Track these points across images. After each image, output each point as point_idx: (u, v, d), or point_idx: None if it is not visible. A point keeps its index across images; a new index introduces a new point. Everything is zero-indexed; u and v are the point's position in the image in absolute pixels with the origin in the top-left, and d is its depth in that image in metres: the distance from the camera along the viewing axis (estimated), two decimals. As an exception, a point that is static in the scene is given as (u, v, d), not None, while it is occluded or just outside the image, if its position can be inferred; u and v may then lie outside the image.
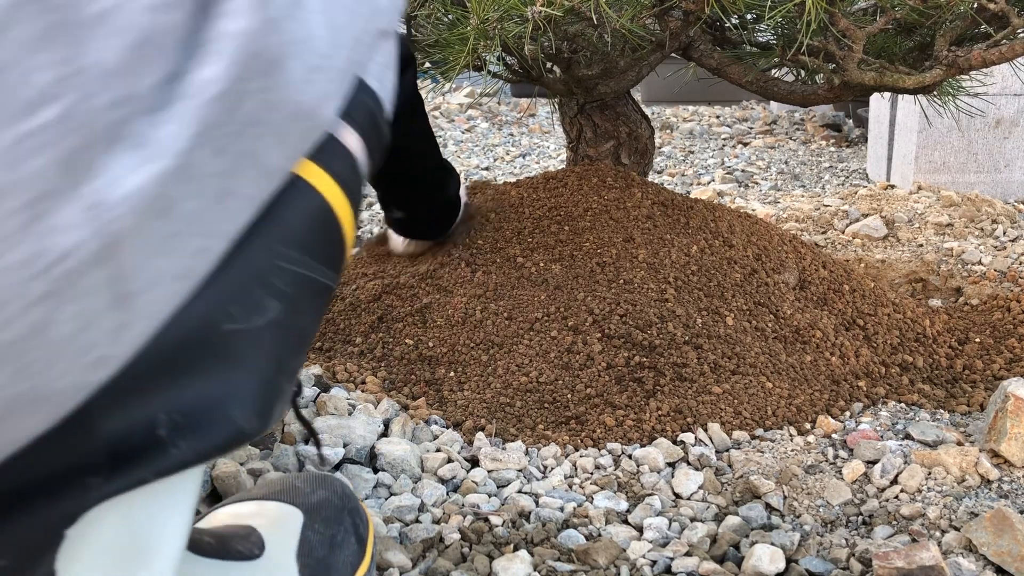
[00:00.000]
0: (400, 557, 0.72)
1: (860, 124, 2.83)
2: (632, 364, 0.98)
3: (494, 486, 0.85)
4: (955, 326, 1.16)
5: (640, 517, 0.79)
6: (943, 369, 1.07)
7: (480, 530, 0.77)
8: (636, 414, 0.94)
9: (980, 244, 1.63)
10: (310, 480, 0.69)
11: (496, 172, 2.45)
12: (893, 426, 0.94)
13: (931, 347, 1.09)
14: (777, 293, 1.09)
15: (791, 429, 0.93)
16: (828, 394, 0.99)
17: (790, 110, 3.32)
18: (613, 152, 1.30)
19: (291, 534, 0.62)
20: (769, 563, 0.70)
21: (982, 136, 2.05)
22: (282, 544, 0.61)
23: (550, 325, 1.04)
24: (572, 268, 1.09)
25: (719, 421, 0.94)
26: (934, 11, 0.97)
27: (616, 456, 0.89)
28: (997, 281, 1.42)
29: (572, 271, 1.09)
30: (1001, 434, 0.84)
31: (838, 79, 1.03)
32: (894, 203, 1.91)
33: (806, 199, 2.06)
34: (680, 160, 2.63)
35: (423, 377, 1.03)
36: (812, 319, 1.07)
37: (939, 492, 0.81)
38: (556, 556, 0.73)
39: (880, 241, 1.69)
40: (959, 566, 0.70)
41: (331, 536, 0.64)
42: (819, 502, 0.81)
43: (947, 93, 1.20)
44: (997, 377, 1.05)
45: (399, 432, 0.92)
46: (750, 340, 1.02)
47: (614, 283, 1.07)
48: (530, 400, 0.97)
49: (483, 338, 1.04)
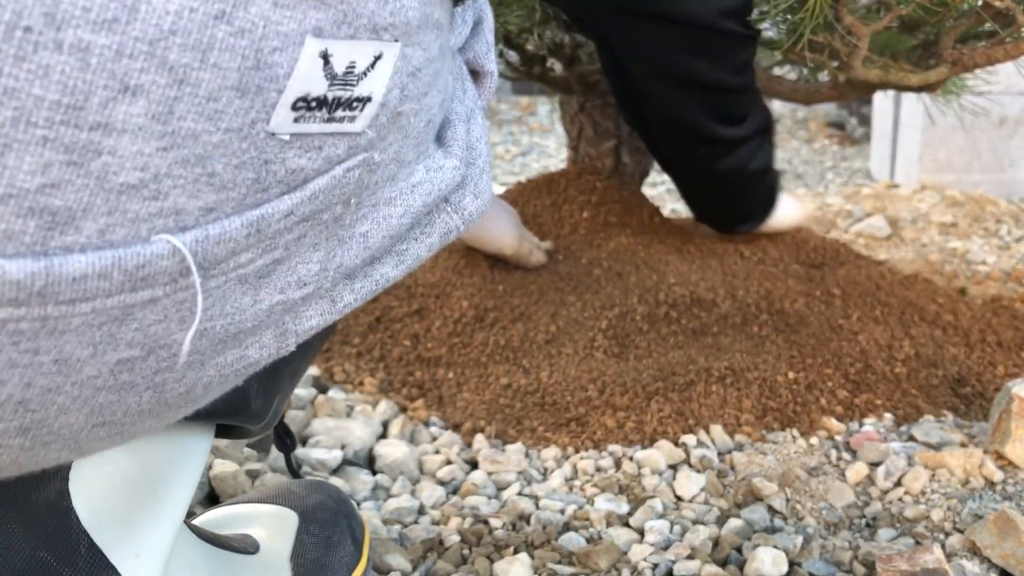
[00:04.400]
0: (400, 559, 0.71)
1: (864, 123, 2.82)
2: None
3: (494, 488, 0.84)
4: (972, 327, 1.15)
5: (641, 520, 0.78)
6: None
7: (480, 532, 0.76)
8: (637, 416, 0.93)
9: (984, 244, 1.62)
10: (306, 485, 0.69)
11: (496, 171, 2.44)
12: (896, 428, 0.93)
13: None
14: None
15: (793, 431, 0.93)
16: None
17: (793, 108, 3.31)
18: (614, 151, 1.29)
19: (286, 536, 0.62)
20: (772, 566, 0.70)
21: (986, 135, 2.04)
22: (276, 545, 0.61)
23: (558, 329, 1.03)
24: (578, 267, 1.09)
25: (721, 423, 0.93)
26: (939, 8, 0.97)
27: (617, 458, 0.89)
28: (1001, 281, 1.41)
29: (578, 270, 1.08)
30: (1006, 436, 0.83)
31: (842, 76, 1.02)
32: (898, 202, 1.91)
33: (809, 198, 2.05)
34: (682, 159, 2.62)
35: (422, 378, 1.02)
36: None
37: (943, 494, 0.80)
38: (556, 559, 0.72)
39: (884, 241, 1.68)
40: (963, 569, 0.69)
41: (326, 538, 0.63)
42: (822, 504, 0.80)
43: (951, 91, 1.19)
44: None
45: (398, 434, 0.92)
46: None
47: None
48: (530, 402, 0.96)
49: (483, 339, 1.03)
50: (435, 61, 0.40)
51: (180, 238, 0.31)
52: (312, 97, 0.33)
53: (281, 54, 0.31)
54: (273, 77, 0.31)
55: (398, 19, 0.35)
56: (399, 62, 0.36)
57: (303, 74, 0.32)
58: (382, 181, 0.40)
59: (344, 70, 0.34)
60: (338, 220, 0.38)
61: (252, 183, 0.33)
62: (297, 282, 0.37)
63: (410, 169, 0.42)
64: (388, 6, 0.35)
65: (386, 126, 0.38)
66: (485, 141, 0.49)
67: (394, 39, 0.35)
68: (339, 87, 0.34)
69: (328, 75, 0.33)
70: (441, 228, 0.45)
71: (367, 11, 0.34)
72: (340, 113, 0.35)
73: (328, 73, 0.33)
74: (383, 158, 0.39)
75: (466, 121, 0.46)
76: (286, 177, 0.34)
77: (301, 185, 0.35)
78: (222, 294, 0.34)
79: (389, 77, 0.36)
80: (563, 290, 1.09)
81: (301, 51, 0.32)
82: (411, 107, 0.39)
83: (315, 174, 0.35)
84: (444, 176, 0.44)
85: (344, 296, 0.41)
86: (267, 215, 0.34)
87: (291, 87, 0.32)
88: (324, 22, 0.32)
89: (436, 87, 0.41)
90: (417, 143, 0.41)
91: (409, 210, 0.42)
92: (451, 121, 0.45)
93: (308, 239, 0.37)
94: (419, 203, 0.42)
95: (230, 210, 0.33)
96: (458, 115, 0.46)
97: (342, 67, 0.34)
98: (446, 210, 0.45)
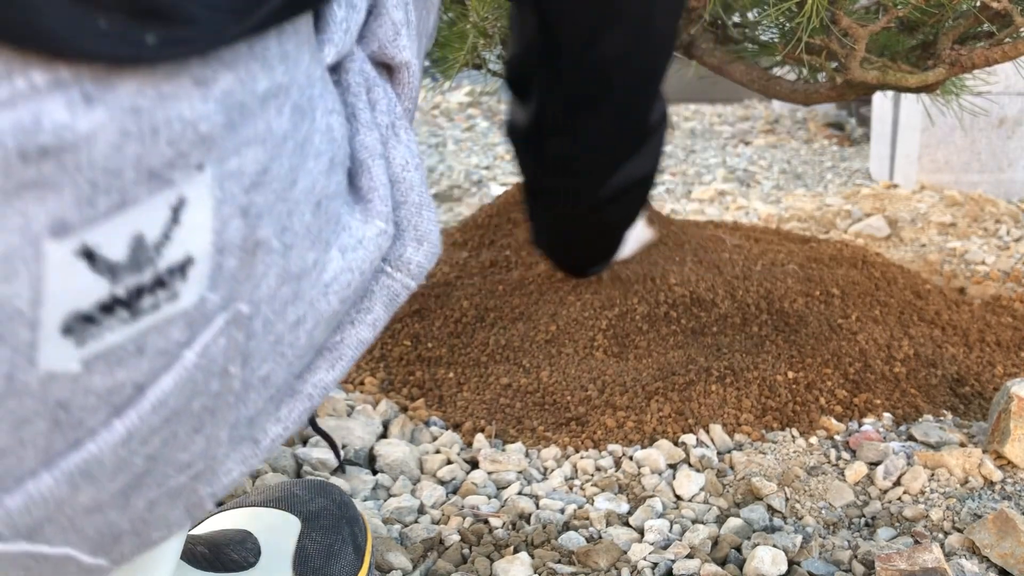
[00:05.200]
0: (401, 559, 0.72)
1: (863, 123, 2.82)
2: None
3: (494, 488, 0.84)
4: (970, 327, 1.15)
5: (641, 519, 0.78)
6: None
7: (480, 532, 0.76)
8: (637, 415, 0.93)
9: (983, 244, 1.62)
10: (309, 487, 0.68)
11: (496, 172, 2.44)
12: (896, 427, 0.94)
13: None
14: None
15: (793, 430, 0.93)
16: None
17: (792, 109, 3.31)
18: (614, 151, 1.29)
19: (288, 542, 0.62)
20: (771, 565, 0.70)
21: (985, 135, 2.04)
22: (278, 552, 0.61)
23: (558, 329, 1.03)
24: None
25: (721, 422, 0.93)
26: (937, 9, 0.97)
27: (617, 458, 0.89)
28: (1000, 281, 1.41)
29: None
30: (1005, 435, 0.84)
31: (840, 78, 1.02)
32: (897, 203, 1.91)
33: (808, 198, 2.06)
34: (681, 159, 2.62)
35: (422, 378, 1.02)
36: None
37: (942, 494, 0.80)
38: (556, 558, 0.73)
39: (883, 241, 1.69)
40: (962, 568, 0.69)
41: (328, 545, 0.63)
42: (821, 504, 0.80)
43: (950, 92, 1.20)
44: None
45: (398, 433, 0.92)
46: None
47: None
48: (530, 401, 0.97)
49: (483, 339, 1.04)
50: (294, 130, 0.29)
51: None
52: (88, 309, 0.24)
53: (12, 282, 0.23)
54: (15, 315, 0.23)
55: (189, 138, 0.25)
56: (218, 191, 0.26)
57: (63, 292, 0.24)
58: (272, 318, 0.31)
59: (127, 253, 0.25)
60: (219, 395, 0.30)
61: (49, 431, 0.25)
62: (183, 466, 0.30)
63: (317, 269, 0.32)
64: (164, 134, 0.24)
65: (241, 267, 0.28)
66: (415, 163, 0.38)
67: (196, 167, 0.26)
68: (129, 274, 0.25)
69: (104, 271, 0.24)
70: (384, 297, 0.37)
71: (131, 163, 0.24)
72: (149, 301, 0.26)
73: (102, 268, 0.24)
74: (259, 296, 0.30)
75: (382, 150, 0.36)
76: (101, 403, 0.26)
77: (134, 398, 0.27)
78: (82, 523, 0.28)
79: (210, 218, 0.26)
80: (563, 290, 1.10)
81: (41, 265, 0.23)
82: (273, 220, 0.29)
83: (150, 378, 0.27)
84: (368, 249, 0.35)
85: (269, 430, 0.34)
86: (94, 454, 0.27)
87: (48, 314, 0.24)
88: (62, 209, 0.23)
89: (309, 157, 0.31)
90: (313, 237, 0.32)
91: (325, 316, 0.34)
92: (361, 162, 0.35)
93: (181, 434, 0.29)
94: (338, 300, 0.34)
95: (25, 472, 0.26)
96: (368, 149, 0.35)
97: (121, 252, 0.25)
98: (384, 273, 0.37)
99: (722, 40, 1.18)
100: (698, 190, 2.19)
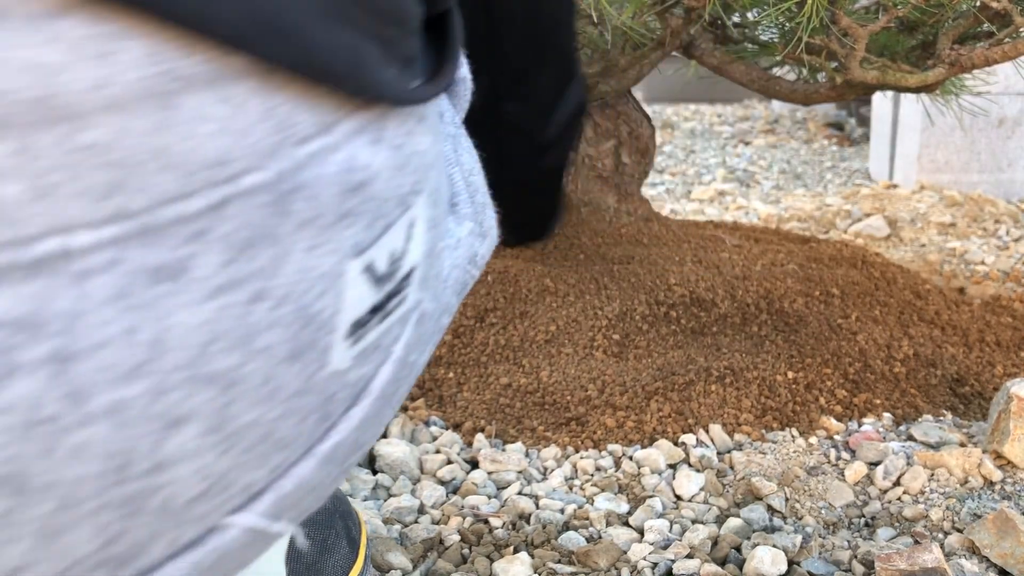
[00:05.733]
0: (401, 559, 0.72)
1: (862, 123, 2.83)
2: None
3: (494, 488, 0.84)
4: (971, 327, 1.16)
5: (641, 519, 0.78)
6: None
7: (480, 532, 0.76)
8: (637, 415, 0.93)
9: (983, 244, 1.62)
10: None
11: (497, 171, 2.44)
12: (895, 427, 0.94)
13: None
14: None
15: (792, 430, 0.93)
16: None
17: (792, 109, 3.31)
18: (614, 151, 1.29)
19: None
20: (771, 565, 0.70)
21: (985, 135, 2.04)
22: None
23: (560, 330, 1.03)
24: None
25: (720, 422, 0.93)
26: (936, 9, 0.97)
27: (617, 458, 0.89)
28: (1000, 281, 1.41)
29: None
30: (1004, 435, 0.84)
31: (840, 78, 1.02)
32: (897, 203, 1.91)
33: (808, 198, 2.06)
34: (681, 159, 2.63)
35: (422, 378, 1.02)
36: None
37: (942, 494, 0.80)
38: (556, 558, 0.73)
39: (883, 241, 1.69)
40: (962, 568, 0.69)
41: (322, 540, 0.63)
42: (821, 504, 0.80)
43: (950, 92, 1.20)
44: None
45: (398, 433, 0.92)
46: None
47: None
48: (530, 401, 0.97)
49: (483, 339, 1.04)
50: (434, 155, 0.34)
51: (253, 508, 0.29)
52: (365, 313, 0.29)
53: (325, 296, 0.27)
54: (322, 325, 0.28)
55: (421, 166, 0.30)
56: (429, 209, 0.32)
57: (353, 302, 0.29)
58: (431, 311, 0.36)
59: (387, 266, 0.30)
60: (407, 379, 0.35)
61: (317, 423, 0.30)
62: (374, 437, 0.35)
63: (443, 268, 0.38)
64: (412, 165, 0.29)
65: (430, 270, 0.34)
66: (478, 167, 0.42)
67: (416, 192, 0.31)
68: (386, 282, 0.30)
69: (375, 282, 0.29)
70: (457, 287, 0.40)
71: (394, 191, 0.29)
72: (392, 304, 0.31)
73: (374, 279, 0.29)
74: (435, 293, 0.35)
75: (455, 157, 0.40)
76: (348, 394, 0.31)
77: (364, 389, 0.32)
78: (306, 502, 0.32)
79: (424, 231, 0.32)
80: (563, 290, 1.10)
81: (343, 280, 0.28)
82: (439, 227, 0.34)
83: (375, 370, 0.32)
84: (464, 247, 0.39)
85: None
86: (337, 441, 0.31)
87: (342, 321, 0.28)
88: (359, 234, 0.28)
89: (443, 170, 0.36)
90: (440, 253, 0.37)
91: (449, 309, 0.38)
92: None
93: (384, 417, 0.34)
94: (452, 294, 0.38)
95: (297, 456, 0.30)
96: (446, 158, 0.39)
97: (385, 264, 0.30)
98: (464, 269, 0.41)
99: (722, 40, 1.18)
100: (698, 190, 2.19)
